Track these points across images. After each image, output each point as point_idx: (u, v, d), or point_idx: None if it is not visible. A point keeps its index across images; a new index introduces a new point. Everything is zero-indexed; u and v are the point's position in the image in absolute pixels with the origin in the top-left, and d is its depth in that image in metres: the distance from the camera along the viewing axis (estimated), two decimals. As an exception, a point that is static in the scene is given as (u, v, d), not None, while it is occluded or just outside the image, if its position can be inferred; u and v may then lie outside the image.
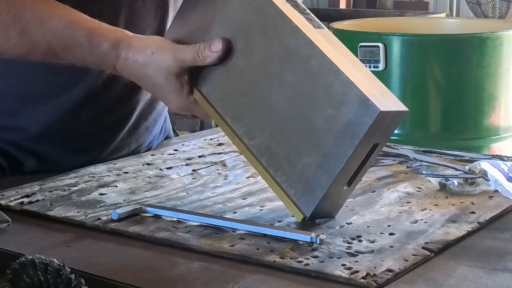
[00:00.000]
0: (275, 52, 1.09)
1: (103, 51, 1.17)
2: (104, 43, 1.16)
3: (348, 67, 1.04)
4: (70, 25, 1.18)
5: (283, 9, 1.09)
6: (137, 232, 1.06)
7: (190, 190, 1.25)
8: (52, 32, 1.18)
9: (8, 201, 1.18)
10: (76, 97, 1.35)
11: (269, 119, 1.09)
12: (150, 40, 1.18)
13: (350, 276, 0.92)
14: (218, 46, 1.12)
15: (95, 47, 1.17)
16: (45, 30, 1.18)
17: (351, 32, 2.99)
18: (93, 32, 1.17)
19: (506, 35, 2.81)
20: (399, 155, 1.42)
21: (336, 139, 1.02)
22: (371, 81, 1.04)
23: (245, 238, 1.03)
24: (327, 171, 1.03)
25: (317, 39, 1.06)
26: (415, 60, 2.81)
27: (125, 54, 1.16)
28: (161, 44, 1.16)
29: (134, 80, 1.19)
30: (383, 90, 1.04)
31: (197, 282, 0.92)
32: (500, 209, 1.15)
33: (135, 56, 1.15)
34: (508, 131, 2.87)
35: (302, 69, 1.06)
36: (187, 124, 3.63)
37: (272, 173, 1.09)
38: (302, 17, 1.10)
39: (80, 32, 1.17)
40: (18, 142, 1.37)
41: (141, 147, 1.50)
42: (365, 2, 5.53)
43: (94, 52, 1.17)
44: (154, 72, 1.15)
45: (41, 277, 0.83)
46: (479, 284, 0.91)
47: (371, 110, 0.99)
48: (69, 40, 1.18)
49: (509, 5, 3.85)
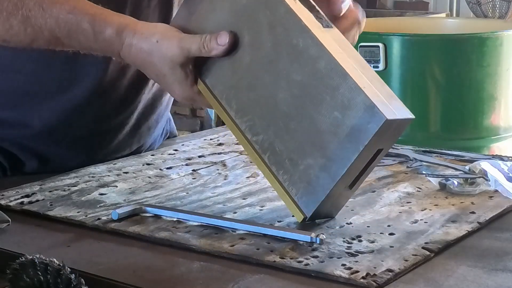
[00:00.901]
0: (283, 50, 1.08)
1: (107, 37, 1.15)
2: (107, 29, 1.15)
3: (356, 71, 1.03)
4: (73, 11, 1.16)
5: (292, 7, 1.08)
6: (137, 232, 1.06)
7: (190, 190, 1.25)
8: (55, 19, 1.17)
9: (8, 201, 1.18)
10: (80, 96, 1.35)
11: (274, 116, 1.08)
12: (156, 27, 1.16)
13: (350, 276, 0.92)
14: (225, 39, 1.11)
15: (98, 33, 1.15)
16: (48, 17, 1.17)
17: (351, 32, 2.98)
18: (97, 18, 1.16)
19: (506, 35, 2.81)
20: (399, 155, 1.42)
21: (340, 142, 1.02)
22: (379, 86, 1.03)
23: (245, 238, 1.03)
24: (330, 174, 1.03)
25: (326, 39, 1.06)
26: (415, 60, 2.81)
27: (129, 41, 1.14)
28: (166, 33, 1.14)
29: (139, 68, 1.18)
30: (390, 96, 1.02)
31: (197, 282, 0.92)
32: (500, 209, 1.15)
33: (139, 44, 1.14)
34: (508, 131, 2.87)
35: (310, 69, 1.05)
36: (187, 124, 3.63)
37: (274, 171, 1.09)
38: (312, 15, 1.09)
39: (83, 18, 1.16)
40: (20, 141, 1.37)
41: (142, 148, 1.50)
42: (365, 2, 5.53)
43: (98, 38, 1.16)
44: (158, 60, 1.14)
45: (41, 277, 0.83)
46: (479, 284, 0.91)
47: (377, 117, 0.98)
48: (72, 26, 1.16)
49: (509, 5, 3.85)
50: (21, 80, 1.34)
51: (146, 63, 1.16)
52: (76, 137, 1.39)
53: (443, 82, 2.79)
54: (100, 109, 1.38)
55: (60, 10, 1.17)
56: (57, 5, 1.17)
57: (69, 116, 1.36)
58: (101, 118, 1.39)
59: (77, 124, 1.37)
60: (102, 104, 1.37)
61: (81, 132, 1.39)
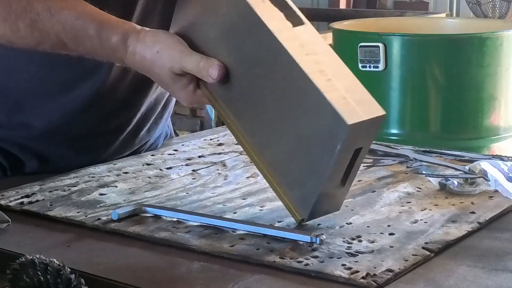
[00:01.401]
0: (260, 56, 1.08)
1: (112, 44, 1.17)
2: (113, 37, 1.17)
3: (322, 73, 1.01)
4: (80, 17, 1.18)
5: (259, 10, 1.06)
6: (137, 232, 1.06)
7: (190, 190, 1.25)
8: (62, 24, 1.18)
9: (8, 201, 1.18)
10: (82, 97, 1.35)
11: (265, 120, 1.09)
12: (157, 36, 1.17)
13: (350, 276, 0.92)
14: (215, 73, 1.11)
15: (104, 41, 1.17)
16: (55, 22, 1.18)
17: (351, 32, 2.98)
18: (103, 25, 1.17)
19: (506, 35, 2.81)
20: (399, 155, 1.42)
21: (319, 145, 1.01)
22: (349, 84, 1.01)
23: (245, 238, 1.03)
24: (315, 176, 1.03)
25: (293, 42, 1.04)
26: (415, 60, 2.81)
27: (133, 49, 1.16)
28: (167, 43, 1.15)
29: (144, 74, 1.20)
30: (360, 94, 1.01)
31: (197, 282, 0.92)
32: (500, 209, 1.15)
33: (143, 52, 1.16)
34: (508, 131, 2.87)
35: (282, 76, 1.05)
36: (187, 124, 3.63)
37: (272, 173, 1.09)
38: (282, 14, 1.07)
39: (90, 25, 1.17)
40: (21, 141, 1.37)
41: (142, 149, 1.50)
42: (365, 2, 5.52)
43: (104, 45, 1.17)
44: (159, 70, 1.16)
45: (41, 277, 0.83)
46: (479, 284, 0.91)
47: (341, 123, 0.97)
48: (79, 32, 1.18)
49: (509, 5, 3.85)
50: (24, 80, 1.34)
51: (149, 71, 1.18)
52: (77, 137, 1.39)
53: (443, 82, 2.78)
54: (102, 111, 1.38)
55: (67, 16, 1.18)
56: (64, 10, 1.18)
57: (70, 117, 1.36)
58: (102, 120, 1.39)
59: (79, 125, 1.38)
60: (104, 105, 1.37)
61: (82, 133, 1.39)
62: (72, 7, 1.19)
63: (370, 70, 2.77)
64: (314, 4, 5.80)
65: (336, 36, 3.02)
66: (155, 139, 1.54)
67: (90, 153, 1.40)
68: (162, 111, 1.50)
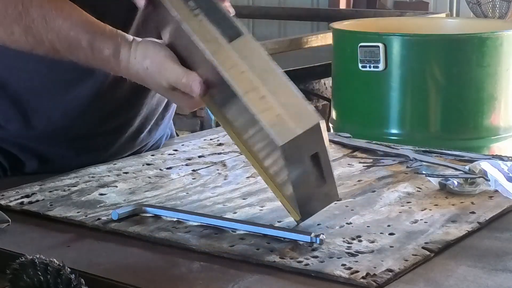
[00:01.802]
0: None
1: (105, 57, 1.17)
2: (105, 50, 1.17)
3: (256, 91, 1.00)
4: (74, 27, 1.18)
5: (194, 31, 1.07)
6: (137, 232, 1.06)
7: (190, 190, 1.25)
8: (56, 33, 1.18)
9: (8, 201, 1.18)
10: (83, 96, 1.35)
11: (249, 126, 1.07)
12: (147, 50, 1.16)
13: (350, 276, 0.92)
14: (196, 89, 1.10)
15: (96, 53, 1.17)
16: (49, 30, 1.18)
17: (351, 32, 2.99)
18: (96, 37, 1.17)
19: (506, 35, 2.81)
20: (399, 155, 1.42)
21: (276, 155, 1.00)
22: (284, 98, 1.00)
23: (245, 238, 1.03)
24: (289, 180, 1.02)
25: (228, 62, 1.03)
26: (415, 60, 2.81)
27: (125, 63, 1.17)
28: (155, 60, 1.15)
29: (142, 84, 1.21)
30: (296, 106, 0.99)
31: (197, 282, 0.92)
32: (500, 209, 1.15)
33: (135, 67, 1.16)
34: (508, 131, 2.87)
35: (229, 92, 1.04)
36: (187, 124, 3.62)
37: (269, 174, 1.09)
38: (216, 31, 1.06)
39: (83, 36, 1.17)
40: (21, 141, 1.37)
41: (143, 149, 1.50)
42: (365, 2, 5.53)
43: (96, 57, 1.18)
44: (152, 84, 1.17)
45: (41, 277, 0.83)
46: (479, 284, 0.91)
47: (274, 144, 0.97)
48: (72, 42, 1.18)
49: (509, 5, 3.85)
50: (24, 80, 1.34)
51: (145, 83, 1.19)
52: (77, 137, 1.39)
53: (443, 82, 2.79)
54: (102, 111, 1.38)
55: (62, 25, 1.18)
56: (59, 19, 1.18)
57: (71, 117, 1.36)
58: (102, 120, 1.39)
59: (79, 125, 1.38)
60: (104, 105, 1.37)
61: (82, 133, 1.39)
62: (67, 16, 1.19)
63: (370, 70, 2.78)
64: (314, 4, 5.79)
65: (336, 36, 3.02)
66: (156, 140, 1.54)
67: (90, 153, 1.40)
68: (163, 112, 1.50)
